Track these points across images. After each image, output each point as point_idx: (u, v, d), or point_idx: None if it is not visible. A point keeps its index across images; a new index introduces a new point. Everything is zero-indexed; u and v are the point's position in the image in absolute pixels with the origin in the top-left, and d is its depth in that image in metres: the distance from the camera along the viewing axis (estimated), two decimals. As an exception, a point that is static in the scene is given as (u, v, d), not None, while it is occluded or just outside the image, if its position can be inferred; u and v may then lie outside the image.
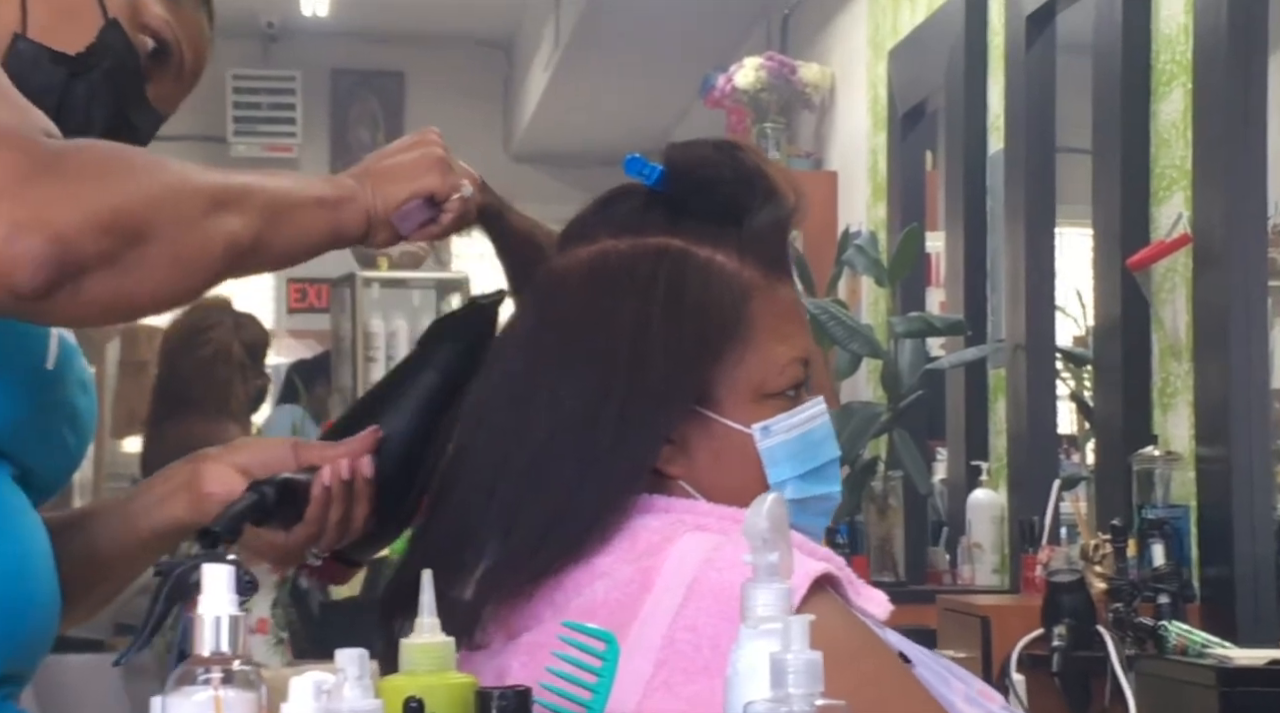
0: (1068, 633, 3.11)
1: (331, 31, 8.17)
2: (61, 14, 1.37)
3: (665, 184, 1.36)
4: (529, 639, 1.26)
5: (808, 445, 1.35)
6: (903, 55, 5.28)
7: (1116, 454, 3.69)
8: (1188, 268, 3.47)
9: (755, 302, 1.34)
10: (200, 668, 1.01)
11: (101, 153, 1.21)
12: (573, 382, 1.30)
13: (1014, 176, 4.35)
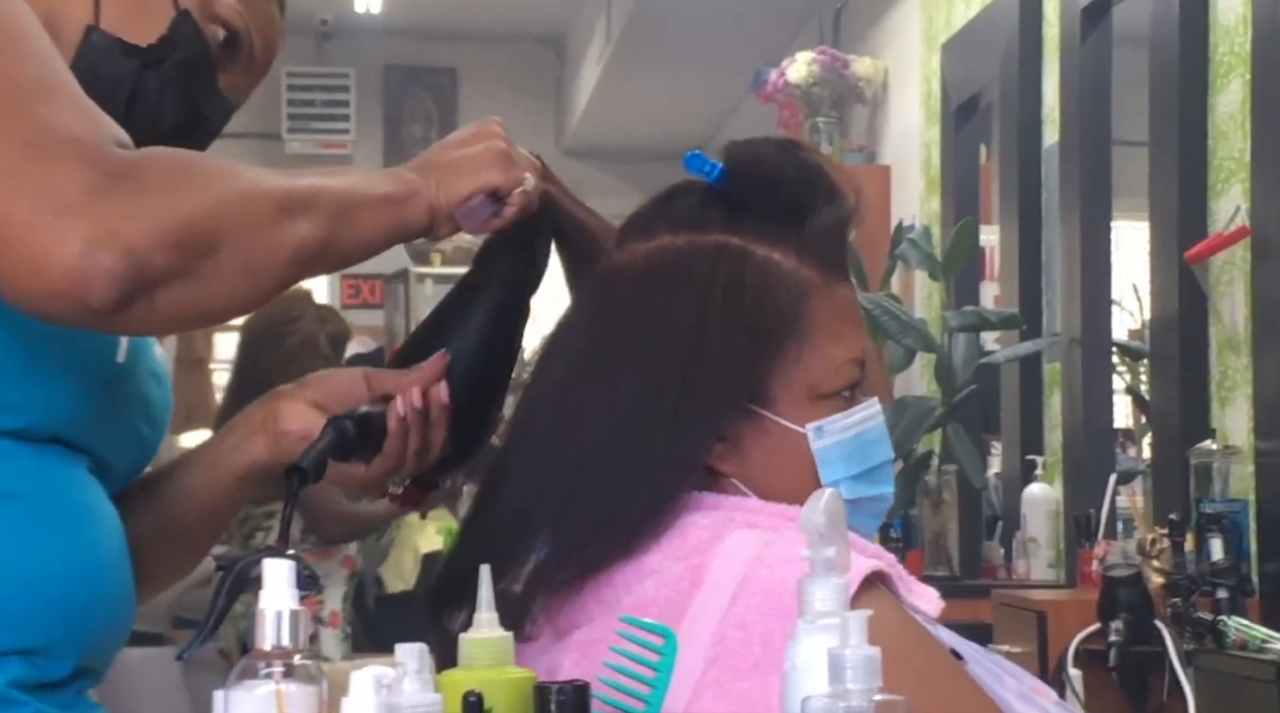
0: (1125, 628, 3.10)
1: (384, 28, 8.20)
2: (133, 6, 1.37)
3: (725, 181, 1.36)
4: (580, 637, 1.26)
5: (861, 446, 1.34)
6: (956, 48, 5.27)
7: (1174, 448, 3.67)
8: (1246, 261, 3.45)
9: (813, 301, 1.33)
10: (262, 662, 1.01)
11: (171, 163, 1.21)
12: (628, 378, 1.29)
13: (1069, 170, 4.33)
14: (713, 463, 1.31)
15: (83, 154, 1.16)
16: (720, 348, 1.30)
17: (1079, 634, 3.20)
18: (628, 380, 1.29)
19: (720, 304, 1.30)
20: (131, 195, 1.15)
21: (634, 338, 1.31)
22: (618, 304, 1.34)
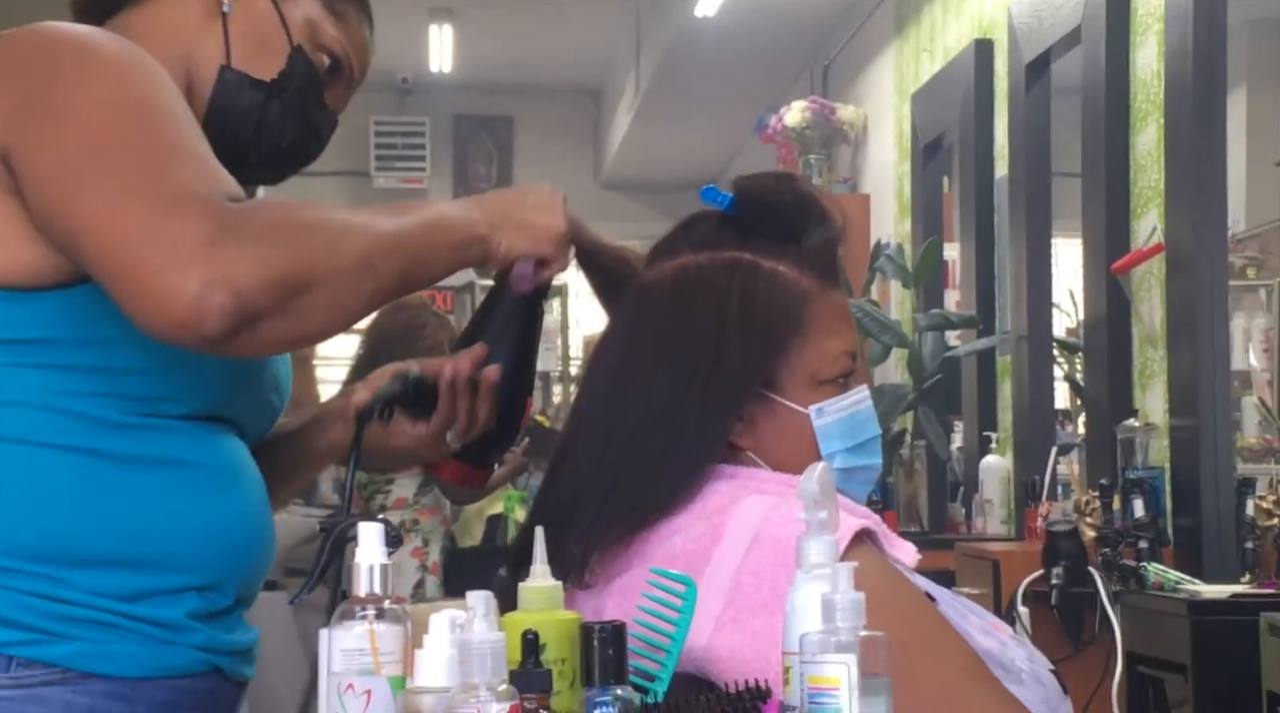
0: (1064, 573, 3.10)
1: (454, 85, 8.20)
2: (257, 45, 1.36)
3: (736, 209, 1.36)
4: (621, 583, 1.27)
5: (855, 424, 1.34)
6: (923, 98, 5.25)
7: (1103, 425, 3.66)
8: (1161, 272, 3.44)
9: (812, 304, 1.33)
10: (358, 606, 1.02)
11: (275, 215, 1.21)
12: (662, 371, 1.29)
13: (1016, 197, 4.32)
14: (733, 439, 1.31)
15: (203, 211, 1.16)
16: (738, 344, 1.30)
17: (1026, 579, 3.19)
18: (663, 373, 1.29)
19: (737, 308, 1.30)
20: (240, 246, 1.15)
21: (667, 338, 1.31)
22: (652, 312, 1.34)
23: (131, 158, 1.19)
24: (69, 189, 1.18)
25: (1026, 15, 4.21)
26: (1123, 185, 3.65)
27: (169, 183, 1.18)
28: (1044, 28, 4.08)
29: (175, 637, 1.26)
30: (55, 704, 1.19)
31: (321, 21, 1.40)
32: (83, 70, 1.22)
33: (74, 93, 1.21)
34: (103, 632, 1.23)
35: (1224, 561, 3.13)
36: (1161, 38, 3.45)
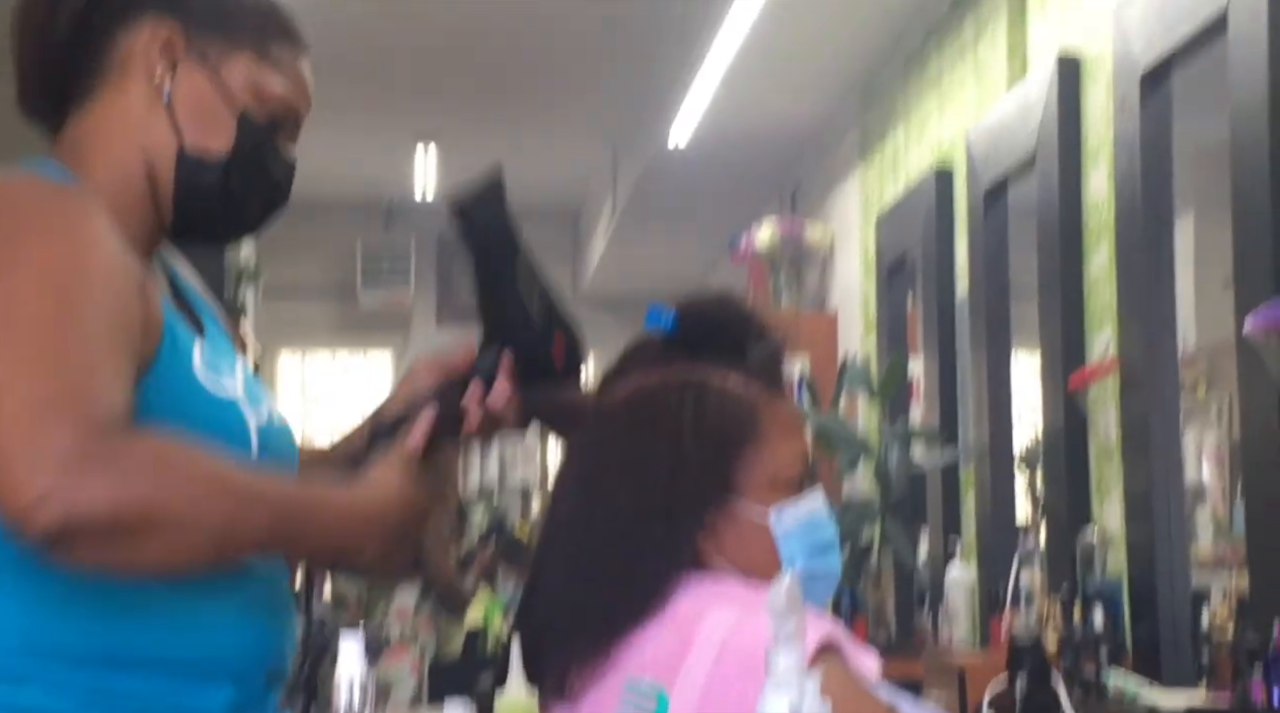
0: (1027, 683, 3.07)
1: (436, 208, 8.26)
2: (204, 121, 1.34)
3: (680, 329, 1.37)
4: (595, 694, 1.26)
5: (813, 525, 1.34)
6: (887, 220, 5.31)
7: (1062, 536, 3.65)
8: (1115, 387, 3.46)
9: (763, 412, 1.34)
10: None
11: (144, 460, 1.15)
12: (626, 487, 1.30)
13: (977, 315, 4.35)
14: (698, 547, 1.31)
15: (77, 427, 1.12)
16: (695, 454, 1.30)
17: (991, 688, 3.17)
18: (627, 489, 1.30)
19: (691, 421, 1.31)
20: (92, 475, 1.12)
21: (628, 456, 1.32)
22: (611, 433, 1.34)
23: (34, 342, 1.16)
24: None
25: (984, 143, 4.27)
26: (1077, 304, 3.68)
27: (58, 382, 1.14)
28: (1000, 155, 4.14)
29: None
30: None
31: (259, 77, 1.36)
32: (11, 237, 1.20)
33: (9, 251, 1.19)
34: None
35: (1181, 669, 3.11)
36: (1111, 165, 3.51)
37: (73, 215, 1.24)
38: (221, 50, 1.35)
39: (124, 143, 1.33)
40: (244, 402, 1.33)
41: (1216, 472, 4.21)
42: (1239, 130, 2.90)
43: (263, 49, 1.37)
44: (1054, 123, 3.75)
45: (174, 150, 1.33)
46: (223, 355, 1.38)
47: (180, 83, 1.34)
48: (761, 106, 5.71)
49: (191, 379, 1.29)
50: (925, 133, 4.97)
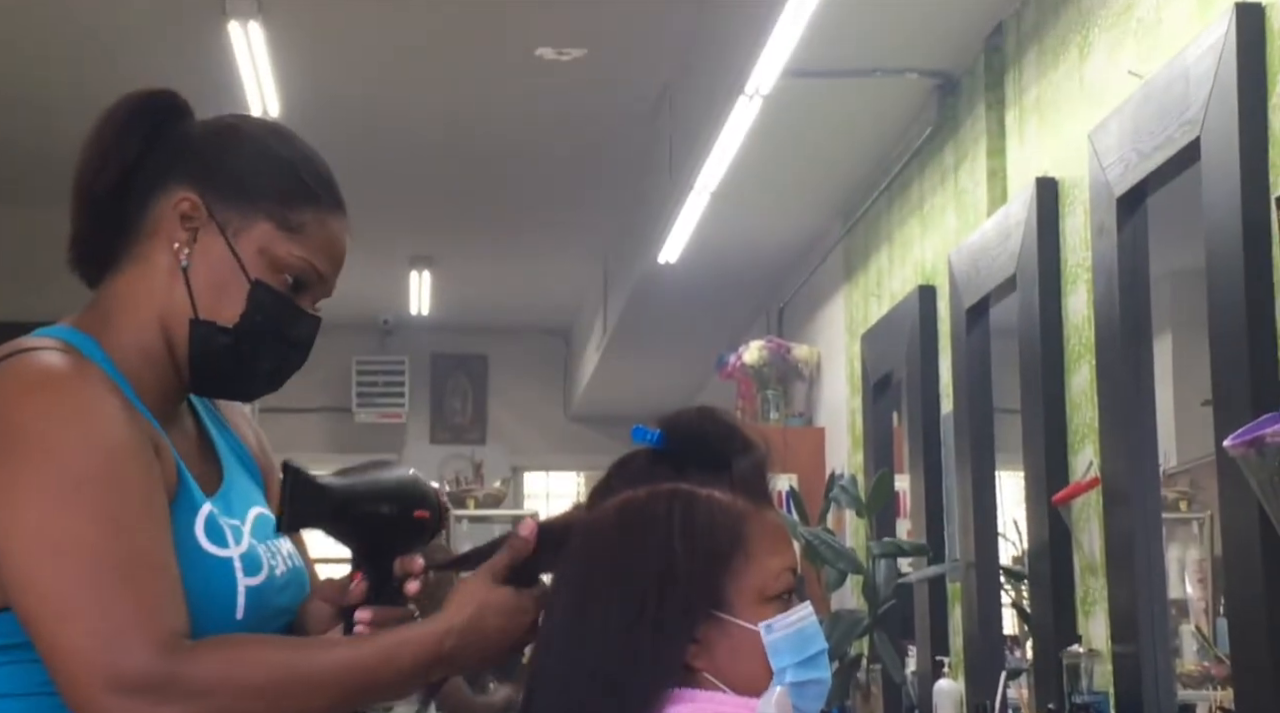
0: (1017, 798, 3.03)
1: (431, 326, 8.30)
2: (217, 291, 1.35)
3: (665, 444, 1.37)
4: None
5: (803, 638, 1.33)
6: (872, 338, 5.33)
7: (1049, 651, 3.62)
8: (1099, 503, 3.45)
9: (749, 524, 1.33)
10: None
11: (221, 671, 1.22)
12: (616, 603, 1.29)
13: (961, 432, 4.35)
14: (689, 662, 1.30)
15: (147, 648, 1.19)
16: (684, 568, 1.29)
17: (981, 803, 3.12)
18: (617, 604, 1.29)
19: (680, 536, 1.30)
20: (167, 695, 1.18)
21: (617, 571, 1.30)
22: (601, 548, 1.33)
23: (89, 566, 1.21)
24: (24, 582, 1.22)
25: (966, 264, 4.31)
26: (1060, 422, 3.69)
27: (122, 606, 1.20)
28: (982, 275, 4.17)
29: None
30: None
31: (275, 246, 1.37)
32: (43, 426, 1.25)
33: (38, 446, 1.24)
34: None
35: (1170, 784, 3.07)
36: (1090, 286, 3.53)
37: (83, 406, 1.27)
38: (240, 221, 1.36)
39: (147, 308, 1.36)
40: (239, 561, 1.34)
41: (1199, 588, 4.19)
42: (1214, 253, 2.93)
43: (282, 218, 1.37)
44: (1033, 245, 3.79)
45: (187, 319, 1.36)
46: (239, 503, 1.40)
47: (198, 252, 1.36)
48: (748, 227, 5.76)
49: (191, 540, 1.31)
50: (908, 254, 5.01)
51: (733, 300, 6.82)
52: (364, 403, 8.40)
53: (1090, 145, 3.48)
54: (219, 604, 1.31)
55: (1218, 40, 2.89)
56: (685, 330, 7.18)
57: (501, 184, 6.25)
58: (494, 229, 6.89)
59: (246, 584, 1.34)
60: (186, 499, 1.33)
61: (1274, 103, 2.78)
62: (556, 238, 7.02)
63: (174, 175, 1.37)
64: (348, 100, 5.25)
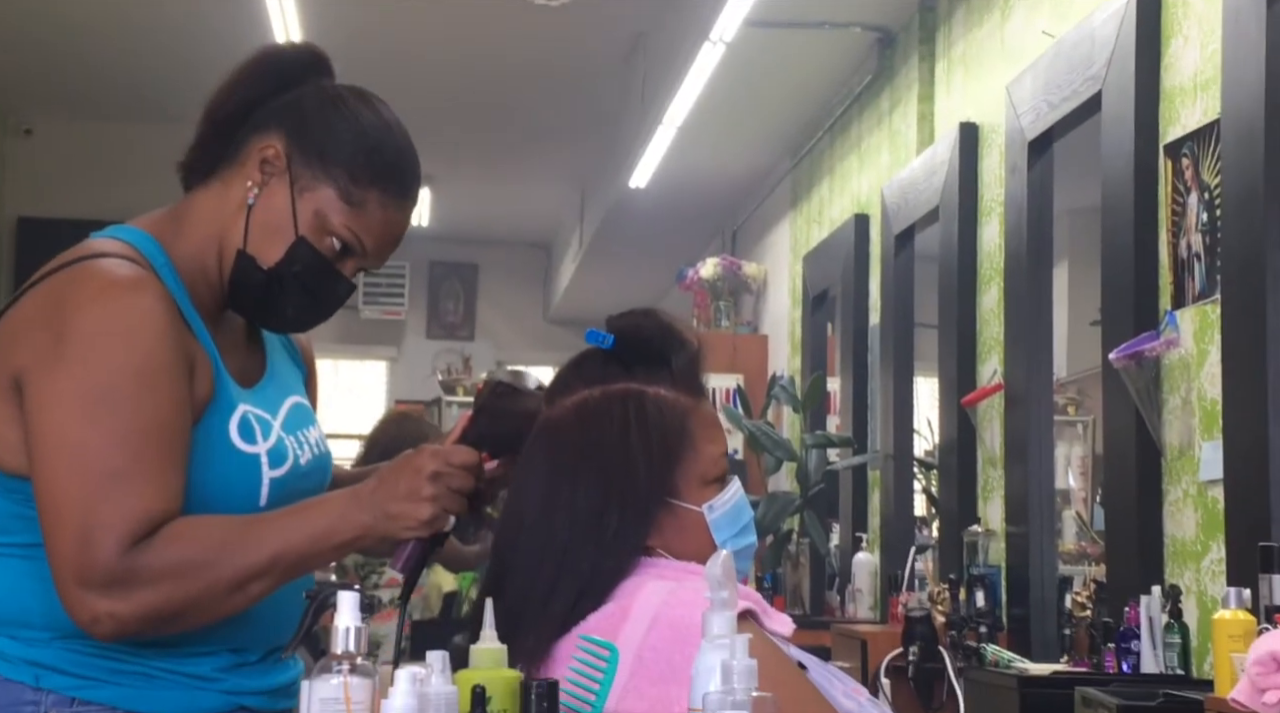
0: (919, 652, 3.10)
1: (430, 237, 8.23)
2: (267, 234, 1.34)
3: (616, 346, 1.36)
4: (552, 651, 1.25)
5: (736, 512, 1.33)
6: (813, 258, 5.33)
7: (952, 530, 3.68)
8: (1000, 406, 3.49)
9: (692, 418, 1.33)
10: (335, 662, 1.00)
11: (174, 559, 1.22)
12: (582, 494, 1.27)
13: (886, 342, 4.38)
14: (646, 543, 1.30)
15: (119, 545, 1.20)
16: (643, 464, 1.28)
17: (888, 656, 3.18)
18: (583, 496, 1.27)
19: (636, 433, 1.30)
20: (129, 593, 1.21)
21: (581, 465, 1.29)
22: (564, 443, 1.31)
23: (77, 461, 1.22)
24: (35, 475, 1.23)
25: (896, 196, 4.30)
26: (970, 335, 3.71)
27: (103, 506, 1.21)
28: (909, 206, 4.17)
29: (205, 685, 1.29)
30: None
31: (332, 213, 1.34)
32: (89, 337, 1.24)
33: (79, 356, 1.24)
34: (143, 681, 1.26)
35: (1047, 643, 3.14)
36: (1002, 219, 3.54)
37: (129, 320, 1.26)
38: (309, 181, 1.34)
39: (213, 226, 1.35)
40: (266, 456, 1.33)
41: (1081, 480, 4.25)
42: (1109, 193, 2.94)
43: (346, 191, 1.34)
44: (955, 181, 3.79)
45: (238, 247, 1.34)
46: (278, 393, 1.39)
47: (265, 195, 1.34)
48: (709, 158, 5.73)
49: (225, 439, 1.31)
50: (846, 187, 5.00)
51: (693, 222, 6.80)
52: (369, 301, 8.35)
53: (1007, 95, 3.47)
54: (244, 495, 1.32)
55: (1120, 6, 2.87)
56: (651, 247, 7.16)
57: (495, 114, 6.19)
58: (487, 153, 6.83)
59: (271, 476, 1.33)
60: (224, 401, 1.32)
61: (1166, 63, 2.77)
62: (541, 163, 6.97)
63: (275, 123, 1.35)
64: (365, 34, 5.17)
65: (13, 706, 1.24)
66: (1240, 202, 2.46)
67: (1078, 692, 2.35)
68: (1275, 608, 2.05)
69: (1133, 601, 2.59)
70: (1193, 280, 2.66)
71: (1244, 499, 2.42)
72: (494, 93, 5.92)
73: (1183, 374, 2.68)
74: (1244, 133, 2.45)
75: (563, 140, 6.55)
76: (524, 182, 7.38)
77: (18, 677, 1.24)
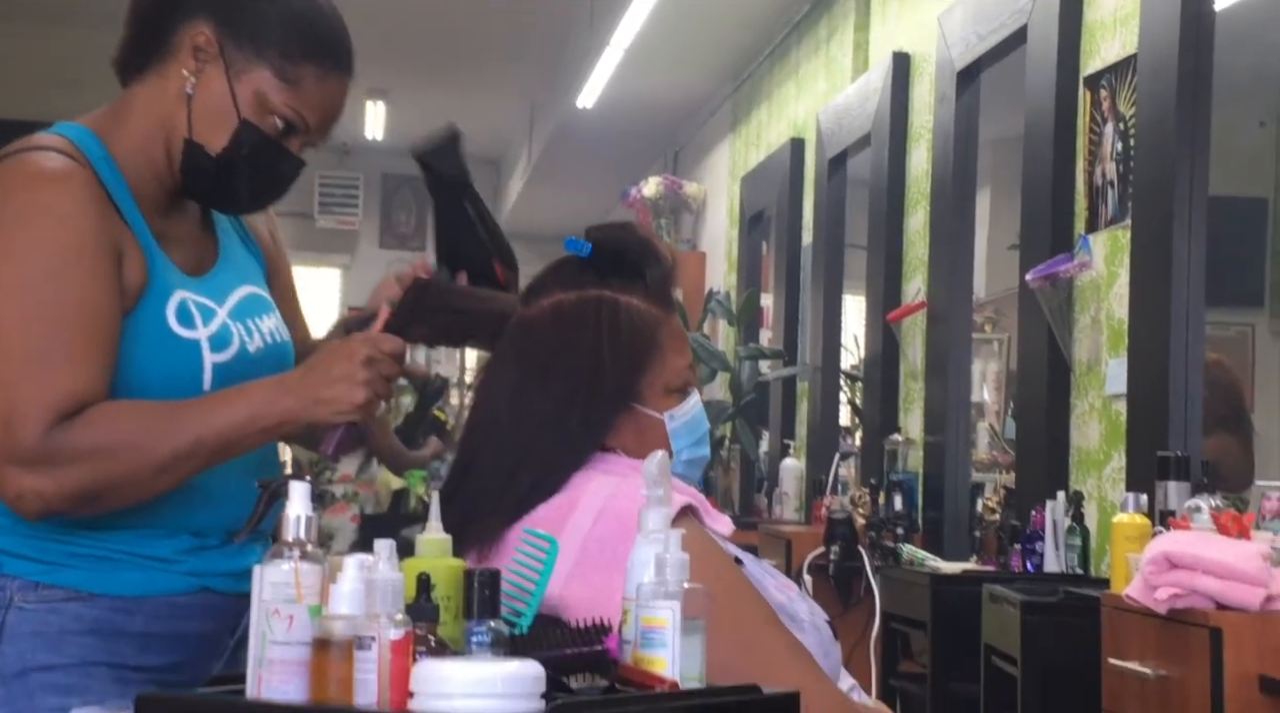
0: (839, 551, 3.15)
1: (384, 149, 8.10)
2: (211, 121, 1.30)
3: (593, 254, 1.35)
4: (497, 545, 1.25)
5: (695, 423, 1.33)
6: (750, 180, 5.32)
7: (874, 439, 3.73)
8: (923, 322, 3.52)
9: (661, 329, 1.32)
10: (285, 549, 0.99)
11: (96, 441, 1.19)
12: (550, 391, 1.26)
13: (817, 261, 4.39)
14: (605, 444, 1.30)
15: (42, 423, 1.17)
16: (610, 367, 1.27)
17: (811, 554, 3.24)
18: (551, 393, 1.26)
19: (606, 337, 1.28)
20: (52, 472, 1.18)
21: (551, 364, 1.28)
22: (537, 342, 1.30)
23: (14, 334, 1.19)
24: None
25: (830, 121, 4.29)
26: (897, 256, 3.73)
27: (26, 385, 1.18)
28: (842, 132, 4.16)
29: (167, 567, 1.27)
30: (69, 614, 1.23)
31: (270, 92, 1.29)
32: (8, 224, 1.21)
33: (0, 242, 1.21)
34: (104, 564, 1.25)
35: (959, 544, 3.21)
36: (930, 146, 3.54)
37: (53, 208, 1.22)
38: (244, 64, 1.29)
39: (154, 118, 1.31)
40: (207, 342, 1.29)
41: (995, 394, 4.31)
42: (1031, 122, 2.94)
43: (281, 69, 1.30)
44: (887, 108, 3.78)
45: (184, 137, 1.30)
46: (229, 282, 1.35)
47: (203, 83, 1.29)
48: (653, 81, 5.67)
49: (162, 324, 1.27)
50: (784, 112, 4.97)
51: (637, 142, 6.75)
52: (324, 211, 8.24)
53: (939, 26, 3.45)
54: (186, 380, 1.28)
55: (1051, -57, 2.86)
56: (596, 165, 7.10)
57: (448, 32, 6.08)
58: (440, 70, 6.71)
59: (214, 361, 1.30)
60: (160, 288, 1.28)
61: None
62: (492, 81, 6.86)
63: (203, 10, 1.30)
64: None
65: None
66: (1152, 132, 2.47)
67: (985, 589, 2.41)
68: (1169, 513, 2.10)
69: (1038, 505, 2.64)
70: (1106, 207, 2.68)
71: (1144, 412, 2.46)
72: (448, 11, 5.81)
73: (1093, 295, 2.71)
74: (1159, 67, 2.46)
75: (513, 59, 6.45)
76: (475, 98, 7.27)
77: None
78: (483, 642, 0.95)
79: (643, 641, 1.01)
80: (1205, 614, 1.77)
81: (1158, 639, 1.87)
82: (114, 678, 1.23)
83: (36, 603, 1.23)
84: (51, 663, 1.21)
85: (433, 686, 0.91)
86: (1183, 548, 1.81)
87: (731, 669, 1.06)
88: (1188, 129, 2.39)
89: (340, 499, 3.59)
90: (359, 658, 0.94)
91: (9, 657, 1.21)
